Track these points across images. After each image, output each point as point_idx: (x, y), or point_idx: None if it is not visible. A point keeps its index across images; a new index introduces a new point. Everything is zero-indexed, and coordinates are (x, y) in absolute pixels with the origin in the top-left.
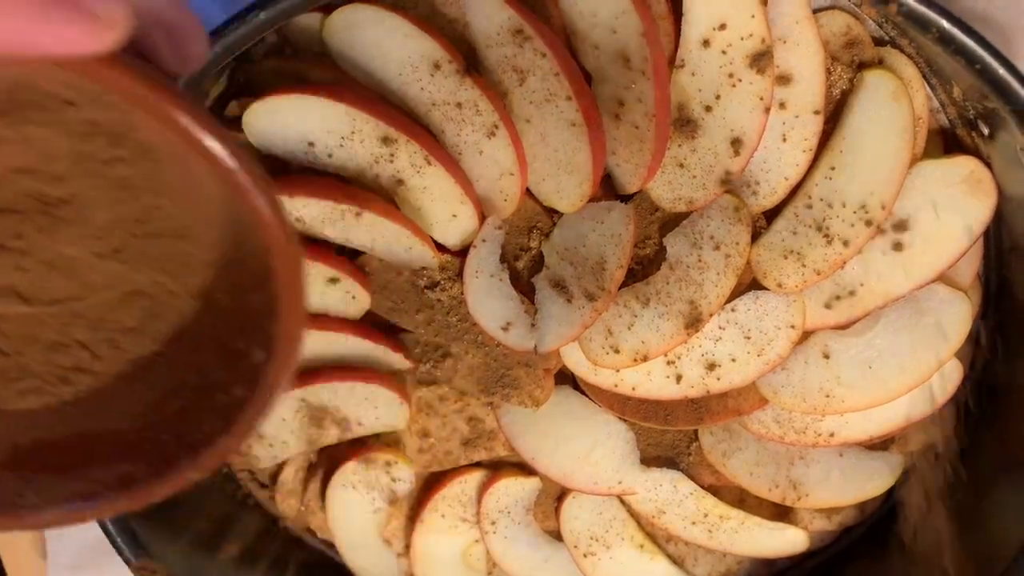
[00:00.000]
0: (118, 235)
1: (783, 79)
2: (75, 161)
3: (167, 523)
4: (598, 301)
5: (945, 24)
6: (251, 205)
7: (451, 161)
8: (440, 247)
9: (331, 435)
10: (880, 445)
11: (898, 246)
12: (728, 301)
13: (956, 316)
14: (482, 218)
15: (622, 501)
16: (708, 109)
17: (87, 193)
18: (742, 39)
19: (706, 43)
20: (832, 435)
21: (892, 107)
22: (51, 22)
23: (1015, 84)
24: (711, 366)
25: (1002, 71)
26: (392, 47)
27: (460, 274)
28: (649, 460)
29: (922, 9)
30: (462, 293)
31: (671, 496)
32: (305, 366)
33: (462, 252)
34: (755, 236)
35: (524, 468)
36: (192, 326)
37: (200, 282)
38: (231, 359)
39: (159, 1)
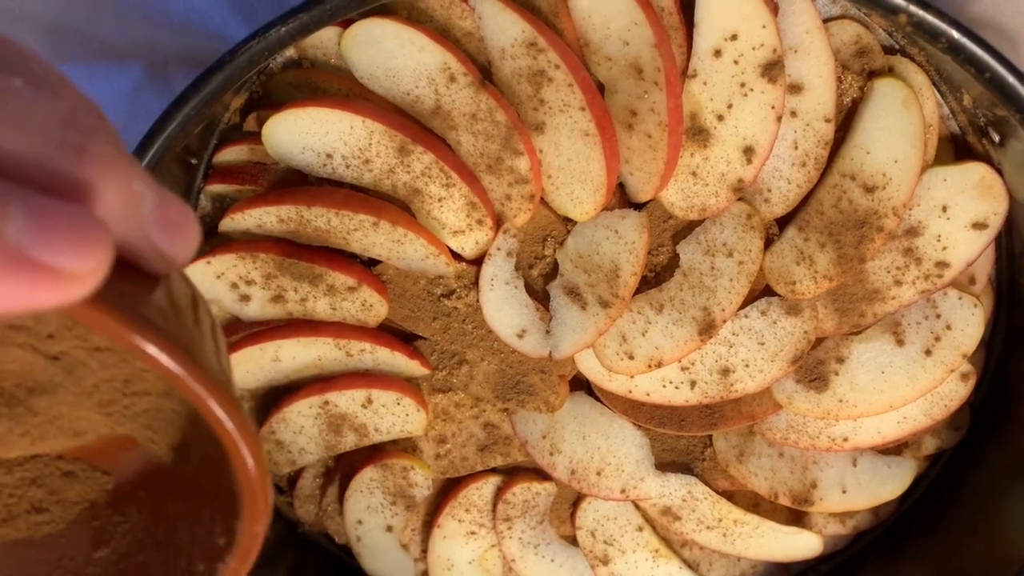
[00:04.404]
0: (105, 391)
1: (794, 88)
2: (66, 325)
3: None
4: (612, 308)
5: (955, 34)
6: (216, 431)
7: (467, 171)
8: (456, 256)
9: (349, 441)
10: (894, 450)
11: (910, 252)
12: (741, 307)
13: (969, 321)
14: (497, 227)
15: (637, 506)
16: (720, 118)
17: (77, 353)
18: (753, 49)
19: (718, 53)
20: (846, 440)
21: (902, 115)
22: (9, 286)
23: None
24: (725, 372)
25: (1012, 79)
26: (408, 60)
27: (476, 282)
28: (664, 465)
29: (931, 19)
30: (478, 301)
31: (686, 501)
32: (323, 374)
33: (478, 261)
34: (768, 243)
35: (540, 473)
36: (168, 478)
37: (180, 436)
38: (197, 527)
39: (145, 209)
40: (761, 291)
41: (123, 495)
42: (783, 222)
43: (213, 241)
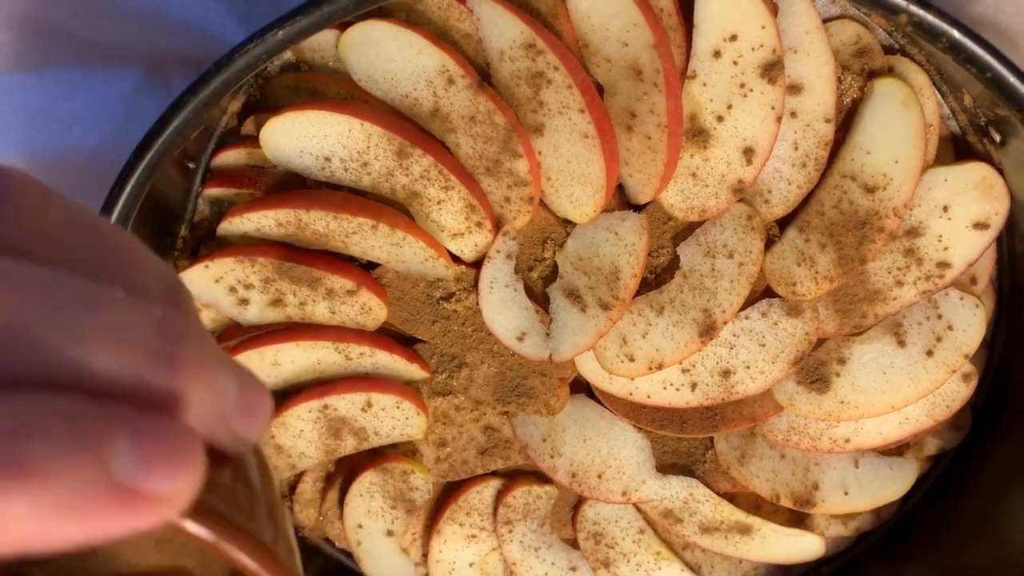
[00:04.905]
0: (163, 532)
1: (794, 88)
2: None
3: None
4: (612, 310)
5: (955, 33)
6: None
7: (465, 174)
8: (455, 259)
9: (349, 445)
10: (896, 451)
11: (911, 252)
12: (742, 309)
13: (970, 321)
14: (496, 230)
15: (638, 509)
16: (720, 119)
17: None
18: (753, 50)
19: (717, 54)
20: (847, 441)
21: (903, 115)
22: (105, 520)
23: None
24: (726, 374)
25: (1012, 79)
26: (406, 62)
27: (475, 285)
28: (665, 468)
29: (932, 19)
30: (477, 304)
31: (687, 503)
32: (323, 378)
33: (477, 263)
34: (768, 244)
35: (540, 477)
36: None
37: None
38: None
39: (228, 401)
40: (762, 292)
41: None
42: (783, 223)
43: (211, 245)
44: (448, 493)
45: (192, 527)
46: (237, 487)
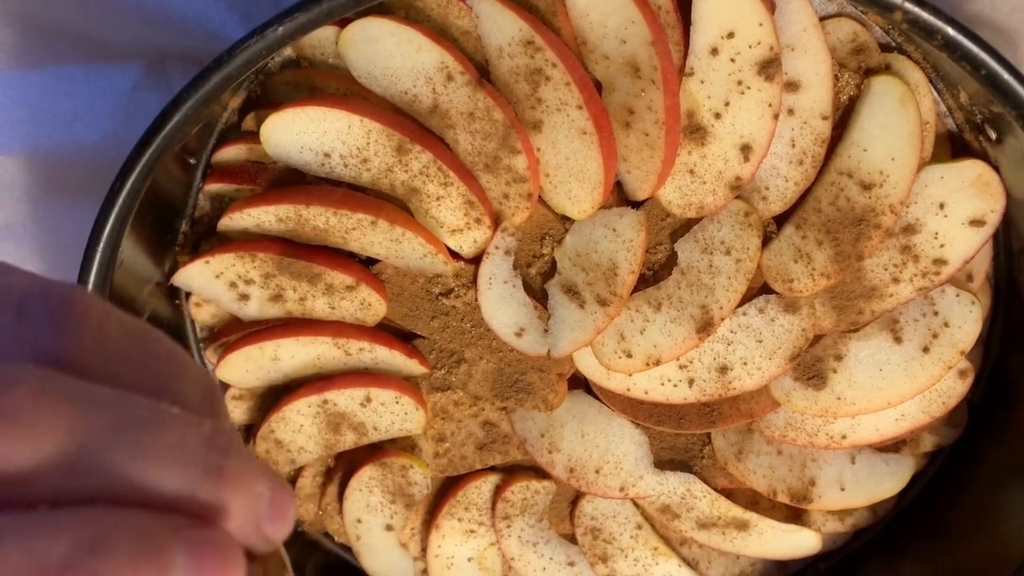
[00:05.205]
0: None
1: (791, 86)
2: None
3: None
4: (610, 306)
5: (950, 31)
6: None
7: (464, 170)
8: (454, 254)
9: (348, 440)
10: (892, 447)
11: (907, 249)
12: (739, 305)
13: (967, 318)
14: (495, 226)
15: (636, 504)
16: (717, 116)
17: None
18: (750, 47)
19: (715, 51)
20: (844, 437)
21: (899, 112)
22: None
23: (1021, 90)
24: (723, 370)
25: (1007, 77)
26: (406, 59)
27: (474, 281)
28: (662, 463)
29: (927, 16)
30: (476, 299)
31: (684, 499)
32: (322, 373)
33: (476, 259)
34: (765, 241)
35: (538, 472)
36: None
37: None
38: None
39: (262, 507)
40: (759, 289)
41: None
42: (781, 220)
43: (212, 241)
44: (447, 488)
45: None
46: None
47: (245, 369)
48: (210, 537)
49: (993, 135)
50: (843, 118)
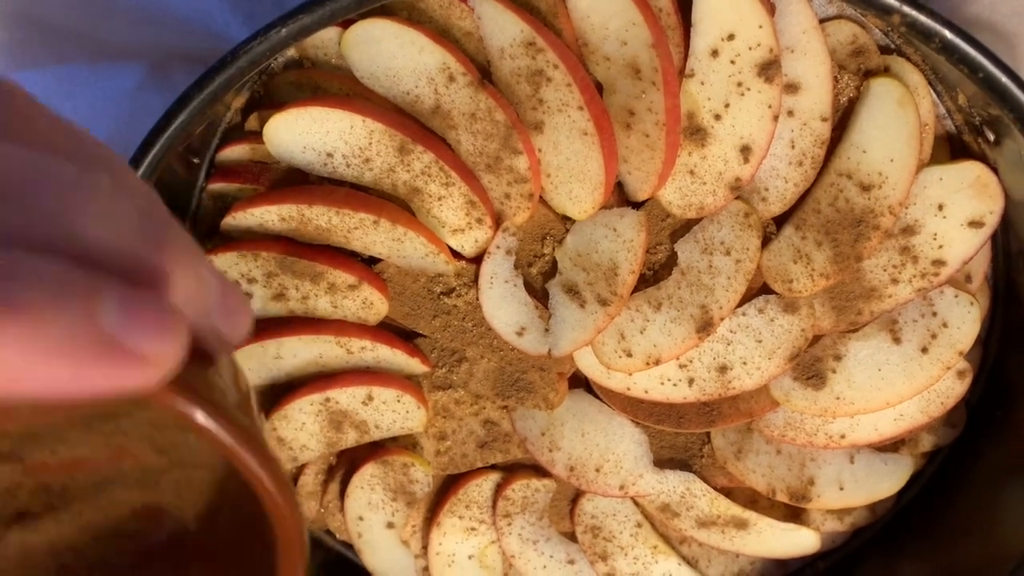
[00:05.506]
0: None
1: (791, 87)
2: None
3: None
4: (610, 306)
5: (947, 34)
6: (248, 476)
7: (466, 170)
8: (455, 254)
9: (350, 438)
10: (891, 447)
11: (906, 250)
12: (739, 305)
13: (965, 319)
14: (496, 226)
15: (636, 503)
16: (717, 117)
17: (121, 437)
18: (750, 49)
19: (715, 53)
20: (843, 437)
21: (898, 114)
22: (92, 369)
23: (1018, 92)
24: (723, 369)
25: (1005, 79)
26: (408, 60)
27: (475, 280)
28: (662, 462)
29: (924, 19)
30: (477, 299)
31: (684, 498)
32: (324, 371)
33: (477, 259)
34: (765, 241)
35: (539, 470)
36: (193, 545)
37: (207, 503)
38: None
39: (210, 295)
40: (759, 289)
41: (147, 563)
42: (780, 221)
43: (215, 240)
44: (448, 486)
45: (182, 404)
46: (220, 384)
47: (247, 367)
48: (148, 294)
49: (991, 137)
50: (842, 120)
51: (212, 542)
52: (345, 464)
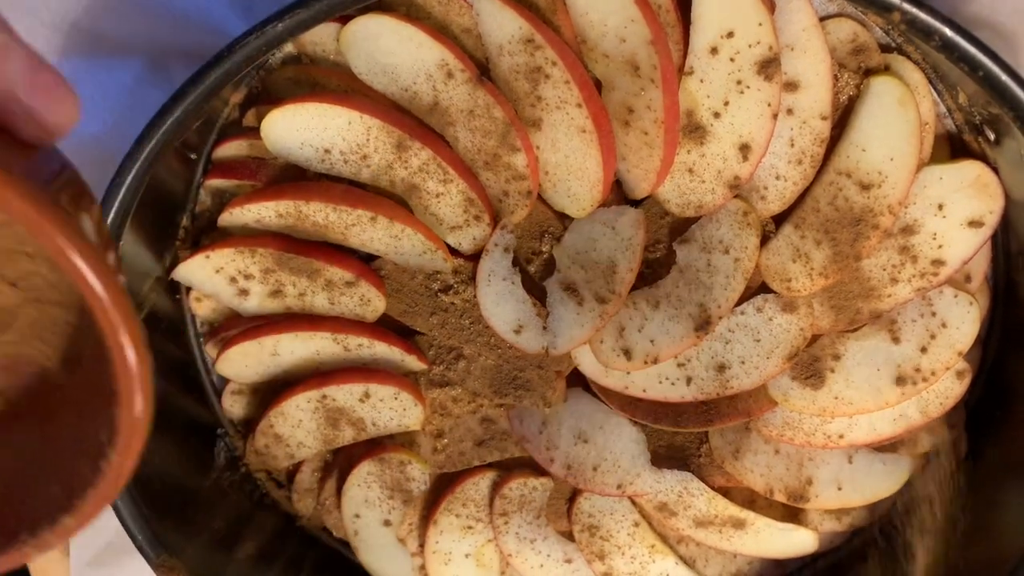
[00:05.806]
0: None
1: (791, 85)
2: None
3: (186, 522)
4: (609, 304)
5: (947, 32)
6: (84, 291)
7: (464, 167)
8: (453, 251)
9: (347, 436)
10: (889, 447)
11: (905, 250)
12: (737, 304)
13: (965, 319)
14: (494, 223)
15: (633, 502)
16: (717, 115)
17: None
18: (750, 47)
19: (714, 51)
20: (841, 437)
21: (899, 112)
22: None
23: (1018, 91)
24: (721, 368)
25: (1005, 78)
26: (406, 56)
27: (473, 278)
28: (660, 461)
29: (924, 17)
30: (475, 296)
31: (682, 497)
32: (321, 368)
33: (475, 256)
34: (764, 240)
35: (536, 469)
36: (57, 391)
37: (68, 346)
38: (83, 432)
39: (13, 72)
40: (757, 288)
41: (12, 412)
42: (779, 219)
43: (213, 235)
44: (445, 484)
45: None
46: (48, 178)
47: (244, 364)
48: None
49: (992, 136)
50: (842, 118)
51: (76, 391)
52: (342, 461)
